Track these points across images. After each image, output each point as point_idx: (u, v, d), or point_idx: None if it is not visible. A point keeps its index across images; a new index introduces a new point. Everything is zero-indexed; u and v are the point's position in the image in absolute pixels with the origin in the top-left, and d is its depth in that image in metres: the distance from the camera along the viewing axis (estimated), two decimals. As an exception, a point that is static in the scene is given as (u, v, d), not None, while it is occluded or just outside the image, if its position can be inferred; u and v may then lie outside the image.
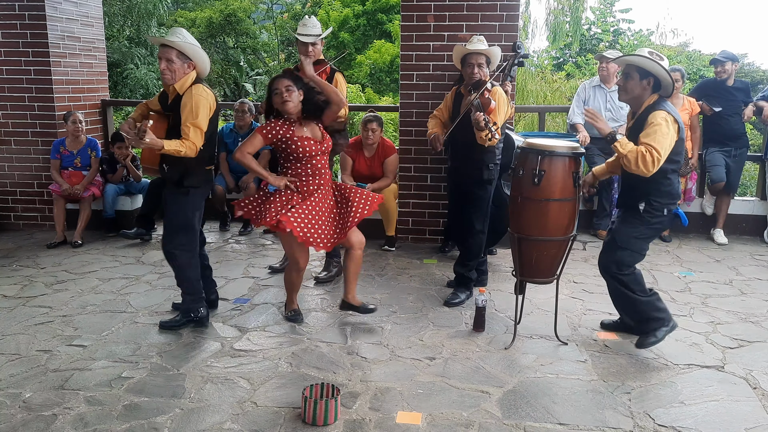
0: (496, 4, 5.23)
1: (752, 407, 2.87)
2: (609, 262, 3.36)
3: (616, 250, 3.34)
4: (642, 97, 3.25)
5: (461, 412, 2.81)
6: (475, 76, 3.93)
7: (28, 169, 6.15)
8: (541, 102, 12.91)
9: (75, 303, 4.16)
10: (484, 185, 4.05)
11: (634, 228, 3.31)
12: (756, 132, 8.25)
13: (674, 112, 3.20)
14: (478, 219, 4.08)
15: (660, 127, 3.11)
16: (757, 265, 5.08)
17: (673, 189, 3.29)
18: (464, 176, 4.10)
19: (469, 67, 3.96)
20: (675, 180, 3.31)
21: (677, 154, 3.25)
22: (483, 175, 4.00)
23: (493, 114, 3.82)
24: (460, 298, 4.14)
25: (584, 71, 19.25)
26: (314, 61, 4.44)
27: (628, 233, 3.32)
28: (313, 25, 4.35)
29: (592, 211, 5.93)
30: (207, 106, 3.46)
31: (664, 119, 3.12)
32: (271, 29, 21.87)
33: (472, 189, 4.07)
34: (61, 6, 6.02)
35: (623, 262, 3.33)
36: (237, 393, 2.97)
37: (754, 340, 3.61)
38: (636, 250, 3.33)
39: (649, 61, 3.16)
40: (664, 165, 3.17)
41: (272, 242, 5.69)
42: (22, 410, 2.81)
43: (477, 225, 4.09)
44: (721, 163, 5.66)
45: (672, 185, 3.28)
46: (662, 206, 3.27)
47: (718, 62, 5.72)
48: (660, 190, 3.25)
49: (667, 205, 3.28)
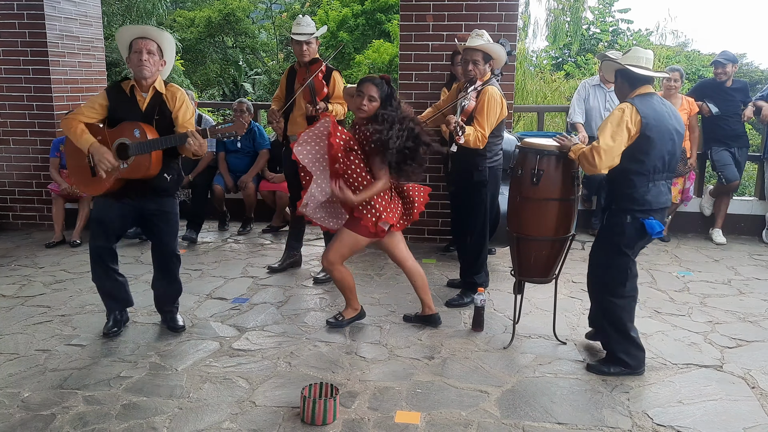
0: (495, 4, 5.23)
1: (750, 407, 2.88)
2: (596, 284, 3.23)
3: (593, 269, 3.25)
4: (625, 95, 3.09)
5: (460, 412, 2.81)
6: (470, 74, 3.84)
7: (26, 169, 6.15)
8: (540, 102, 12.90)
9: (73, 302, 4.15)
10: (478, 187, 3.97)
11: (598, 239, 3.22)
12: (755, 132, 8.25)
13: (646, 108, 2.93)
14: (475, 222, 4.03)
15: (612, 119, 2.93)
16: (756, 264, 5.08)
17: (636, 193, 2.97)
18: (458, 179, 4.10)
19: (464, 64, 3.88)
20: (640, 183, 2.97)
21: (642, 153, 2.94)
22: (474, 177, 3.94)
23: (480, 115, 3.73)
24: (463, 300, 4.11)
25: (584, 71, 19.26)
26: (310, 60, 4.45)
27: (595, 245, 3.24)
28: (307, 24, 4.36)
29: (590, 210, 5.94)
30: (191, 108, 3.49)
31: (621, 110, 2.93)
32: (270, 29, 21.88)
33: (466, 192, 4.04)
34: (60, 5, 6.01)
35: (605, 283, 3.15)
36: (236, 392, 2.97)
37: (753, 339, 3.61)
38: (610, 266, 3.12)
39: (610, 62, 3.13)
40: (624, 164, 2.95)
41: (271, 242, 5.69)
42: (20, 410, 2.81)
43: (473, 228, 4.04)
44: (731, 162, 5.62)
45: (634, 188, 2.97)
46: (621, 212, 3.03)
47: (719, 64, 5.71)
48: (622, 192, 3.02)
49: (627, 211, 3.01)
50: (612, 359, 3.20)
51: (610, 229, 3.12)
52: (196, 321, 3.82)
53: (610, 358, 3.22)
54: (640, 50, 3.10)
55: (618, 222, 3.06)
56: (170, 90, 3.34)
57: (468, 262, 4.16)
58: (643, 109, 2.93)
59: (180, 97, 3.33)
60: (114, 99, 3.29)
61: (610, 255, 3.13)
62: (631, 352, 3.15)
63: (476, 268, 4.13)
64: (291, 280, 4.61)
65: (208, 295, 4.30)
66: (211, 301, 4.17)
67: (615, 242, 3.09)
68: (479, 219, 4.02)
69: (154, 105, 3.28)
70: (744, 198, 6.24)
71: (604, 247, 3.18)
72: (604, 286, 3.17)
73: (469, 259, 4.14)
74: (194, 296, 4.22)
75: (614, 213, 3.08)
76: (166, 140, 3.19)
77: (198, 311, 3.98)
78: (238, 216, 6.16)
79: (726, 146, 5.70)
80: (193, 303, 4.08)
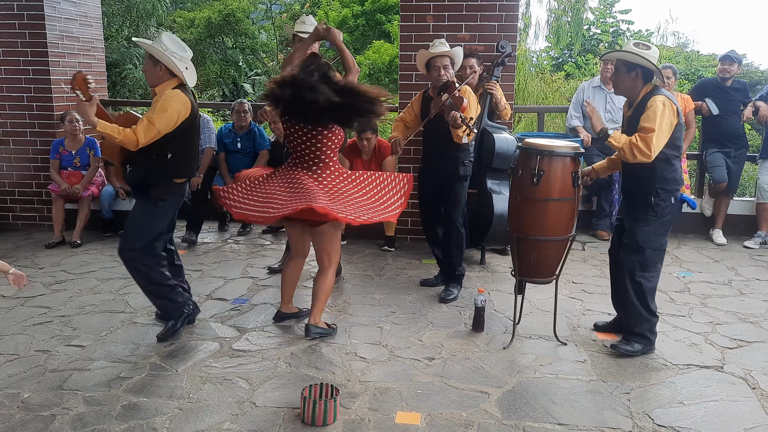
0: (496, 5, 5.23)
1: (751, 407, 2.87)
2: (633, 265, 3.34)
3: (638, 251, 3.33)
4: (635, 89, 3.29)
5: (460, 413, 2.80)
6: (442, 78, 4.04)
7: (26, 169, 6.15)
8: (541, 103, 12.90)
9: (74, 303, 4.15)
10: (461, 181, 4.20)
11: (649, 225, 3.30)
12: (755, 133, 8.25)
13: (672, 98, 3.22)
14: (457, 214, 4.23)
15: (657, 110, 3.13)
16: (756, 265, 5.08)
17: (677, 175, 3.30)
18: (440, 174, 4.22)
19: (435, 70, 4.06)
20: (678, 166, 3.32)
21: (678, 140, 3.27)
22: (459, 172, 4.16)
23: (466, 111, 3.91)
24: (453, 293, 4.22)
25: (584, 71, 19.26)
26: None
27: (647, 232, 3.30)
28: (312, 22, 4.40)
29: (591, 211, 5.93)
30: (174, 110, 3.26)
31: (662, 102, 3.15)
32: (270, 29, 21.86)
33: (449, 186, 4.20)
34: (60, 6, 6.01)
35: (647, 263, 3.33)
36: (236, 393, 2.96)
37: (753, 340, 3.61)
38: (657, 247, 3.33)
39: (630, 54, 3.22)
40: (665, 151, 3.19)
41: (271, 242, 5.69)
42: (20, 410, 2.80)
43: (456, 220, 4.23)
44: (722, 164, 5.66)
45: (676, 171, 3.30)
46: (669, 194, 3.27)
47: (729, 59, 5.70)
48: (665, 177, 3.25)
49: (673, 193, 3.28)
50: (636, 337, 3.37)
51: (659, 213, 3.28)
52: (196, 322, 3.82)
53: (634, 336, 3.37)
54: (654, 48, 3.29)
55: (666, 205, 3.27)
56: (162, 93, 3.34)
57: (455, 255, 4.28)
58: (673, 101, 3.21)
59: (155, 99, 3.34)
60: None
61: (662, 237, 3.35)
62: (654, 329, 3.40)
63: (460, 259, 4.30)
64: (291, 281, 4.61)
65: (208, 295, 4.30)
66: (212, 302, 4.17)
67: (666, 223, 3.32)
68: (461, 211, 4.27)
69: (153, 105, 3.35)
70: (744, 198, 6.24)
71: (655, 232, 3.31)
72: (642, 265, 3.34)
73: (456, 251, 4.27)
74: (194, 297, 4.21)
75: (662, 198, 3.26)
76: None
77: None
78: (238, 216, 6.15)
79: (723, 148, 5.71)
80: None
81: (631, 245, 3.35)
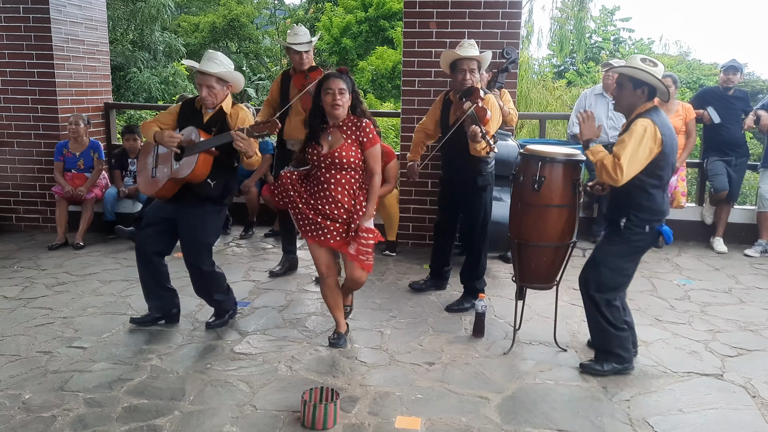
0: (498, 12, 5.26)
1: (751, 416, 2.88)
2: (588, 281, 3.23)
3: (594, 267, 3.23)
4: (635, 105, 3.14)
5: (460, 418, 2.81)
6: (467, 83, 3.84)
7: (30, 171, 6.17)
8: (543, 110, 12.94)
9: (75, 305, 4.16)
10: (479, 192, 4.04)
11: (614, 245, 3.21)
12: (756, 141, 8.26)
13: (662, 124, 3.03)
14: (477, 226, 4.08)
15: (636, 135, 2.96)
16: (757, 273, 5.08)
17: (654, 205, 3.11)
18: (459, 185, 4.09)
19: (461, 74, 3.86)
20: (657, 195, 3.11)
21: (660, 169, 3.05)
22: (477, 182, 4.00)
23: (488, 125, 3.72)
24: (463, 306, 4.13)
25: (585, 79, 19.32)
26: (308, 68, 4.46)
27: (608, 250, 3.22)
28: (303, 33, 4.39)
29: (591, 218, 5.94)
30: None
31: (644, 128, 2.97)
32: (274, 34, 21.95)
33: (467, 197, 4.06)
34: (66, 9, 6.05)
35: (602, 283, 3.18)
36: (236, 396, 2.97)
37: (754, 348, 3.61)
38: (615, 269, 3.18)
39: (639, 71, 3.07)
40: (643, 178, 3.04)
41: (273, 246, 5.70)
42: (21, 411, 2.81)
43: (477, 232, 4.08)
44: (723, 172, 5.66)
45: (653, 200, 3.10)
46: (642, 222, 3.11)
47: (734, 69, 5.71)
48: (640, 204, 3.10)
49: (648, 222, 3.11)
50: (605, 355, 3.25)
51: (627, 238, 3.16)
52: (197, 324, 3.83)
53: (603, 354, 3.26)
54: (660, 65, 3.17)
55: (637, 232, 3.13)
56: (235, 109, 3.56)
57: (472, 267, 4.16)
58: (661, 127, 3.02)
59: (241, 116, 3.53)
60: (184, 111, 3.65)
61: (623, 261, 3.20)
62: (626, 345, 3.25)
63: (478, 273, 4.15)
64: (292, 284, 4.62)
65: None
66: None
67: (632, 250, 3.18)
68: (482, 223, 4.08)
69: (216, 120, 3.52)
70: (745, 207, 6.25)
71: (616, 254, 3.19)
72: (597, 285, 3.20)
73: (473, 263, 4.14)
74: (196, 299, 4.21)
75: (633, 223, 3.13)
76: (214, 140, 3.41)
77: (199, 314, 3.98)
78: (241, 220, 6.17)
79: (724, 156, 5.72)
80: (194, 306, 4.09)
81: (590, 260, 3.29)
